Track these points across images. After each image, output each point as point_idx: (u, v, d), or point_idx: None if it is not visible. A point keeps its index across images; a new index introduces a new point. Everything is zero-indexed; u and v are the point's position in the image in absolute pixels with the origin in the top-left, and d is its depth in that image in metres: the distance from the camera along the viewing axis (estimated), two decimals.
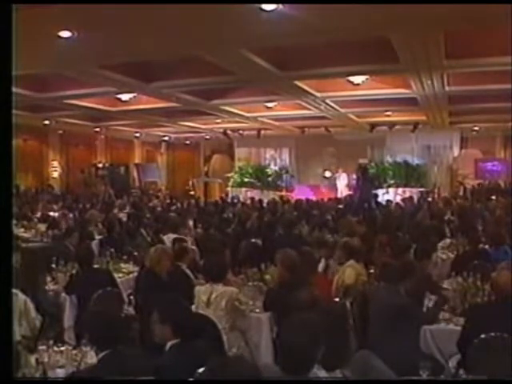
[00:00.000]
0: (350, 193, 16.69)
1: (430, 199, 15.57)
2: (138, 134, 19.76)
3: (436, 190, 17.46)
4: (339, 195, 17.16)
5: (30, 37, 5.87)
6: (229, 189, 19.96)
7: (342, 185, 18.31)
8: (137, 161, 21.56)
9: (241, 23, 6.18)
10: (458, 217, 10.02)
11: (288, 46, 7.91)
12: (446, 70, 8.99)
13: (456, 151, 18.26)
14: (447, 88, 10.29)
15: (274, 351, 4.48)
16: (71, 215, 11.51)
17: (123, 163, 20.59)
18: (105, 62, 8.60)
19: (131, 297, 5.41)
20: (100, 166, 19.30)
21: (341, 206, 13.24)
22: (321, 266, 5.86)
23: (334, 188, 18.44)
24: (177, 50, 7.84)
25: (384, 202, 14.30)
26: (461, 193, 16.67)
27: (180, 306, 3.33)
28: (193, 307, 4.40)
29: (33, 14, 5.16)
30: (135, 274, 6.10)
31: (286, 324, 2.75)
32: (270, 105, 13.38)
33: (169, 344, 3.12)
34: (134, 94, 11.72)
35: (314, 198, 16.35)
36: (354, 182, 18.00)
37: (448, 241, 7.92)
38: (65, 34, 6.48)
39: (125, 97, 11.82)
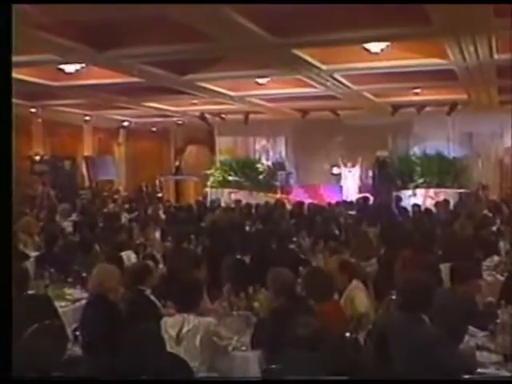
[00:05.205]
0: (366, 195, 16.78)
1: (472, 204, 15.59)
2: (88, 118, 19.72)
3: (481, 192, 17.48)
4: (350, 198, 17.22)
5: None
6: (207, 190, 20.06)
7: (355, 185, 18.40)
8: (86, 153, 21.47)
9: None
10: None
11: (285, 5, 7.92)
12: (495, 31, 8.99)
13: (508, 140, 18.34)
14: (496, 56, 10.32)
15: None
16: None
17: (68, 156, 20.55)
18: (43, 21, 8.54)
19: (77, 332, 5.41)
20: (37, 158, 19.17)
21: (352, 213, 13.29)
22: None
23: (343, 189, 18.55)
24: (139, 8, 7.83)
25: (409, 208, 14.35)
26: None
27: (141, 344, 3.34)
28: None
29: None
30: (83, 301, 6.08)
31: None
32: (261, 81, 13.40)
33: None
34: (83, 65, 11.67)
35: (316, 201, 16.42)
36: (369, 180, 18.08)
37: (496, 258, 7.96)
38: None
39: (70, 68, 11.73)
